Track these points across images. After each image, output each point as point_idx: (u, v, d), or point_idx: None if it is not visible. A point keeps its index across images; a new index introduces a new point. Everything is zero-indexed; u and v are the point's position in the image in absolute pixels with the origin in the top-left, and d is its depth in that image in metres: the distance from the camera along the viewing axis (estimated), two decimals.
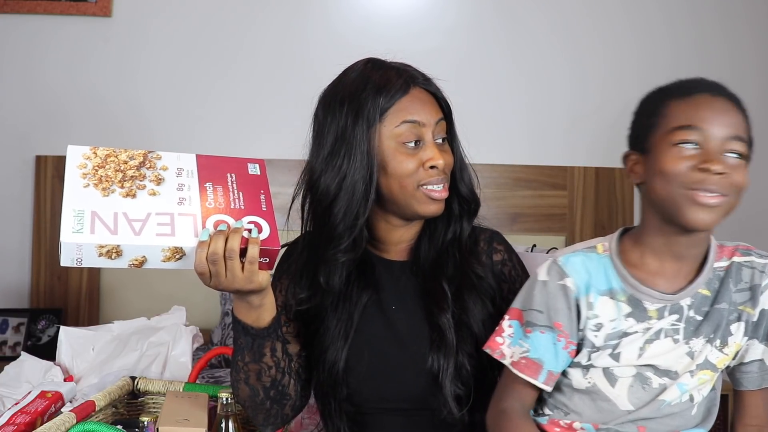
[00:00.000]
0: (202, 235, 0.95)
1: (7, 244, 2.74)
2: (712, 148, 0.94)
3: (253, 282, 0.97)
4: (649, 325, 1.00)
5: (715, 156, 0.93)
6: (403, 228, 1.20)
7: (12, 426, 1.20)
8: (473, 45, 2.86)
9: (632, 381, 1.01)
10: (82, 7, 2.75)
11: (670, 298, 1.00)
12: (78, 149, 1.01)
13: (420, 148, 1.13)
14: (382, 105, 1.11)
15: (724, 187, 0.94)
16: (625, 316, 1.01)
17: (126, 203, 0.96)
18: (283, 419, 1.16)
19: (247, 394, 1.11)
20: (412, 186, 1.12)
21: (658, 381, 1.00)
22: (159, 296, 2.53)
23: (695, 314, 1.01)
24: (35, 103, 2.78)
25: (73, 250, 0.91)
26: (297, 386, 1.14)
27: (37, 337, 2.60)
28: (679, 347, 1.00)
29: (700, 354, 1.00)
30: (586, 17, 2.87)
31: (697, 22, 2.89)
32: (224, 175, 1.03)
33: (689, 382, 1.01)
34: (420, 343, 1.14)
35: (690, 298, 1.01)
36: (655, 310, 1.01)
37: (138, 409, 1.32)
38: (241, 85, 2.81)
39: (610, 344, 1.01)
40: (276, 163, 2.80)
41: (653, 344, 1.00)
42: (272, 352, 1.07)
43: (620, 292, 1.01)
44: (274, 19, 2.82)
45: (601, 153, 2.89)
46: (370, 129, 1.11)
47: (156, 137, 2.81)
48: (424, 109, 1.14)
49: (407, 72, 1.17)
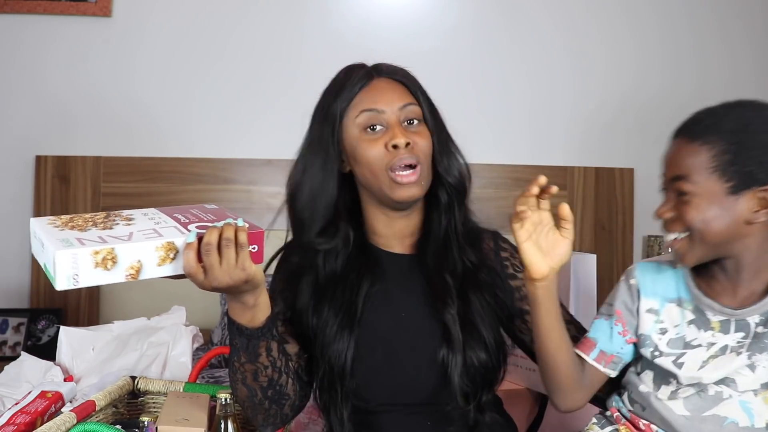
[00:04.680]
0: (188, 236, 0.95)
1: (7, 245, 2.74)
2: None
3: (246, 270, 0.97)
4: (714, 340, 1.01)
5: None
6: (401, 220, 1.22)
7: (12, 426, 1.20)
8: (473, 45, 2.86)
9: (691, 392, 1.02)
10: (82, 7, 2.75)
11: (732, 313, 1.01)
12: (40, 219, 1.01)
13: (383, 132, 1.16)
14: (341, 101, 1.18)
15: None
16: (688, 323, 1.03)
17: (106, 231, 0.97)
18: (282, 419, 1.16)
19: (246, 394, 1.11)
20: (382, 171, 1.15)
21: (714, 388, 1.01)
22: (159, 296, 2.53)
23: (764, 329, 1.00)
24: (35, 103, 2.78)
25: (68, 264, 0.89)
26: (295, 386, 1.14)
27: (37, 337, 2.60)
28: (741, 359, 1.00)
29: (764, 371, 0.99)
30: (586, 17, 2.87)
31: (695, 24, 2.89)
32: (188, 210, 1.08)
33: (753, 401, 0.99)
34: (428, 338, 1.15)
35: (759, 315, 1.00)
36: (718, 323, 1.01)
37: (138, 409, 1.32)
38: (241, 85, 2.81)
39: (675, 353, 1.04)
40: (276, 163, 2.81)
41: (717, 359, 1.01)
42: (268, 351, 1.08)
43: (687, 302, 1.05)
44: (273, 20, 2.82)
45: (601, 153, 2.89)
46: (335, 126, 1.18)
47: (156, 137, 2.81)
48: (384, 97, 1.17)
49: (374, 66, 1.22)
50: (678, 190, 0.98)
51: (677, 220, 0.98)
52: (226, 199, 2.72)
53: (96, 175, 2.73)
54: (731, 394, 1.00)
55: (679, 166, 0.98)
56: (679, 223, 0.98)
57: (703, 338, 1.02)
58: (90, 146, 2.78)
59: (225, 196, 2.72)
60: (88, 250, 0.90)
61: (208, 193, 2.72)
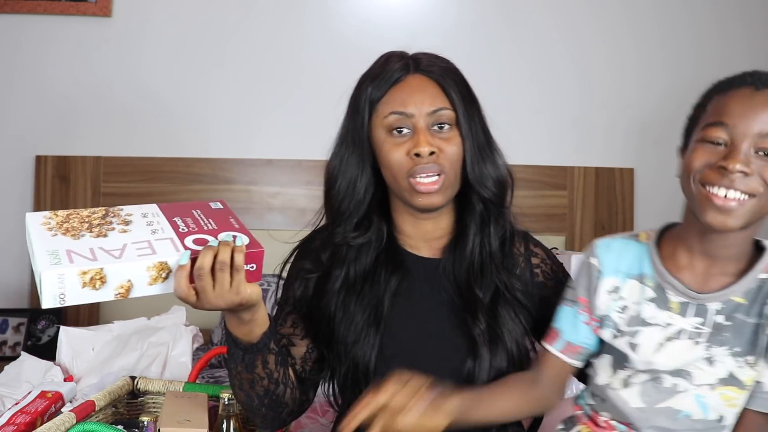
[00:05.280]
0: (181, 258, 0.92)
1: (7, 244, 2.74)
2: (738, 145, 0.89)
3: (240, 294, 0.94)
4: (671, 321, 0.98)
5: (737, 154, 0.88)
6: (429, 222, 1.18)
7: (12, 426, 1.20)
8: (473, 45, 2.85)
9: (645, 381, 1.00)
10: (82, 7, 2.75)
11: (694, 296, 0.97)
12: (36, 215, 0.97)
13: (409, 137, 1.11)
14: (371, 96, 1.13)
15: (746, 186, 0.88)
16: (648, 300, 0.99)
17: (99, 241, 0.92)
18: (281, 423, 1.15)
19: (243, 399, 1.10)
20: (403, 177, 1.11)
21: (670, 380, 0.98)
22: (159, 296, 2.52)
23: (724, 321, 0.96)
24: (35, 103, 2.78)
25: (54, 284, 0.85)
26: (294, 394, 1.12)
27: (37, 337, 2.60)
28: (698, 350, 0.97)
29: (722, 366, 0.96)
30: (586, 17, 2.87)
31: (695, 25, 2.89)
32: (189, 211, 1.03)
33: (708, 395, 0.97)
34: (454, 350, 1.12)
35: (720, 303, 0.96)
36: (678, 304, 0.98)
37: (138, 409, 1.32)
38: (241, 85, 2.81)
39: (631, 330, 1.00)
40: (276, 163, 2.81)
41: (672, 343, 0.98)
42: (264, 364, 1.05)
43: (649, 278, 1.00)
44: (274, 20, 2.82)
45: (601, 153, 2.89)
46: (366, 120, 1.14)
47: (156, 137, 2.81)
48: (414, 98, 1.11)
49: (413, 58, 1.16)
50: (765, 150, 0.89)
51: (751, 180, 0.88)
52: (226, 199, 2.68)
53: (96, 175, 2.73)
54: (687, 387, 0.97)
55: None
56: (753, 184, 0.89)
57: (661, 318, 0.98)
58: (90, 146, 2.78)
59: (225, 196, 2.72)
60: (76, 270, 0.86)
61: (208, 193, 2.72)
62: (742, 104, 0.90)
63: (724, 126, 0.90)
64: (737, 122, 0.90)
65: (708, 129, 0.92)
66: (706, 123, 0.93)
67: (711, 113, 0.93)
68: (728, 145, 0.90)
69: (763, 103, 0.90)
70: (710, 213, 0.91)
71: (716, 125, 0.91)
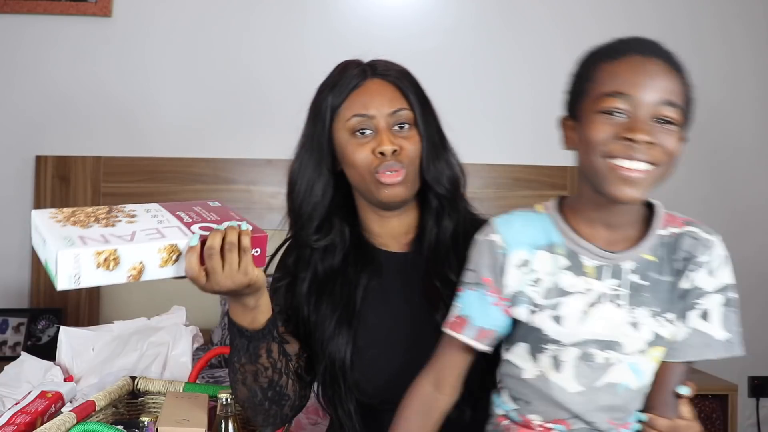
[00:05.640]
0: (191, 239, 0.95)
1: (7, 244, 2.74)
2: (639, 115, 0.89)
3: (248, 274, 0.97)
4: (589, 286, 0.96)
5: (641, 124, 0.88)
6: (394, 219, 1.23)
7: (12, 426, 1.20)
8: (473, 45, 2.86)
9: (577, 361, 0.97)
10: (82, 7, 2.75)
11: (608, 256, 0.96)
12: (42, 211, 1.00)
13: (372, 137, 1.16)
14: (333, 102, 1.18)
15: (651, 156, 0.89)
16: (563, 269, 0.97)
17: (108, 229, 0.96)
18: (282, 419, 1.16)
19: (245, 395, 1.11)
20: (369, 173, 1.16)
21: (602, 355, 0.96)
22: (159, 296, 2.53)
23: (640, 280, 0.96)
24: (35, 103, 2.78)
25: (70, 264, 0.89)
26: (295, 386, 1.15)
27: (37, 337, 2.60)
28: (621, 314, 0.95)
29: (647, 328, 0.95)
30: (587, 17, 2.87)
31: (695, 24, 2.89)
32: (190, 207, 1.07)
33: (640, 361, 0.96)
34: (427, 337, 1.14)
35: (633, 262, 0.96)
36: (593, 268, 0.96)
37: (138, 409, 1.32)
38: (241, 84, 2.81)
39: (551, 303, 0.97)
40: (275, 163, 2.80)
41: (595, 308, 0.95)
42: (268, 353, 1.08)
43: (560, 246, 0.98)
44: (273, 19, 2.82)
45: None
46: (326, 126, 1.19)
47: (156, 137, 2.81)
48: (375, 100, 1.17)
49: (369, 65, 1.21)
50: (663, 117, 0.90)
51: (654, 149, 0.89)
52: (226, 199, 2.70)
53: (96, 175, 2.73)
54: (619, 358, 0.96)
55: (671, 92, 0.90)
56: (656, 153, 0.89)
57: (579, 285, 0.96)
58: (90, 146, 2.78)
59: (225, 196, 2.72)
60: (91, 251, 0.90)
61: (208, 193, 2.72)
62: (636, 73, 0.90)
63: (623, 96, 0.90)
64: (635, 92, 0.89)
65: (605, 99, 0.91)
66: (602, 93, 0.91)
67: (603, 83, 0.92)
68: (630, 116, 0.90)
69: (655, 71, 0.90)
70: (616, 185, 0.90)
71: (614, 96, 0.90)
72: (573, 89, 0.99)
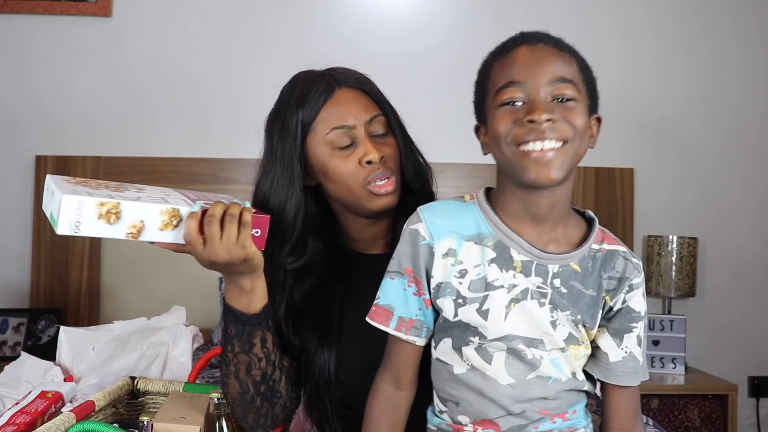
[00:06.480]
0: (193, 207, 0.97)
1: (7, 244, 2.74)
2: (536, 97, 0.90)
3: (246, 248, 0.98)
4: (515, 282, 0.95)
5: (538, 104, 0.89)
6: (377, 224, 1.22)
7: (12, 426, 1.20)
8: (472, 44, 2.84)
9: (506, 355, 0.96)
10: (82, 7, 2.75)
11: (537, 254, 0.95)
12: (56, 176, 1.04)
13: (355, 148, 1.15)
14: (304, 117, 1.15)
15: (558, 133, 0.89)
16: (489, 261, 0.95)
17: (116, 193, 0.99)
18: (273, 420, 1.15)
19: (237, 390, 1.10)
20: (359, 186, 1.14)
21: (528, 352, 0.96)
22: (159, 296, 2.53)
23: (560, 285, 0.95)
24: (35, 103, 2.78)
25: (72, 210, 0.91)
26: (288, 384, 1.14)
27: (37, 337, 2.60)
28: (544, 312, 0.95)
29: (563, 329, 0.96)
30: (584, 17, 2.87)
31: (694, 24, 2.90)
32: (200, 193, 1.11)
33: (560, 357, 0.97)
34: None
35: (558, 266, 0.95)
36: (521, 263, 0.95)
37: (138, 409, 1.32)
38: (242, 84, 2.81)
39: (477, 297, 0.95)
40: None
41: (520, 305, 0.95)
42: (262, 342, 1.07)
43: (488, 237, 0.96)
44: (275, 19, 2.82)
45: (601, 153, 2.88)
46: (297, 142, 1.15)
47: (156, 137, 2.81)
48: (351, 110, 1.15)
49: (332, 75, 1.19)
50: (561, 95, 0.91)
51: (560, 125, 0.90)
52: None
53: (96, 175, 2.73)
54: (542, 355, 0.96)
55: (562, 70, 0.91)
56: (563, 129, 0.90)
57: (505, 279, 0.95)
58: (90, 146, 2.78)
59: None
60: (94, 200, 0.92)
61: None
62: (525, 60, 0.92)
63: (516, 84, 0.91)
64: (527, 77, 0.91)
65: (501, 92, 0.92)
66: (498, 88, 0.92)
67: (498, 78, 0.93)
68: (527, 101, 0.91)
69: (543, 55, 0.92)
70: (531, 170, 0.90)
71: (508, 86, 0.91)
72: (476, 95, 1.00)
